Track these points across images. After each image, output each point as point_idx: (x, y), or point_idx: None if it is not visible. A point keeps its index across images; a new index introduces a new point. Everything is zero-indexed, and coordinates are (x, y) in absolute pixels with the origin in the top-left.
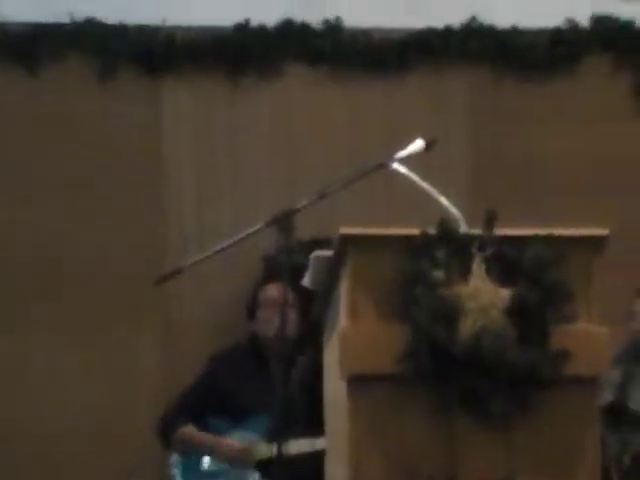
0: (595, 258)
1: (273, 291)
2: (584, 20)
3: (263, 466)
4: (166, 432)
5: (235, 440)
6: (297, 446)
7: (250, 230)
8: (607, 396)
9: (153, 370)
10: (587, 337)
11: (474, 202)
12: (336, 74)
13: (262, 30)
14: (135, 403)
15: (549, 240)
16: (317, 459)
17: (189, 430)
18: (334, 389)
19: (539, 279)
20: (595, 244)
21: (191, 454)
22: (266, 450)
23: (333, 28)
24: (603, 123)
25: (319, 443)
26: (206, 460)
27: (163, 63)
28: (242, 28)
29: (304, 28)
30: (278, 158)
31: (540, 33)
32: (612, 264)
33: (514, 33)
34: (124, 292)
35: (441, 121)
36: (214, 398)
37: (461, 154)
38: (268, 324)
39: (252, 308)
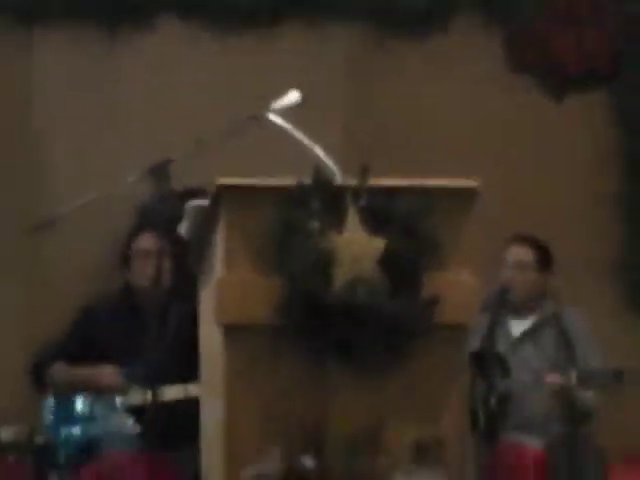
0: (466, 209)
1: (147, 241)
2: None
3: (137, 412)
4: (39, 373)
5: (112, 370)
6: (170, 392)
7: (126, 180)
8: (475, 342)
9: (23, 321)
10: (457, 286)
11: (348, 157)
12: (209, 26)
13: None
14: (3, 356)
15: (421, 191)
16: (190, 405)
17: (61, 367)
18: (209, 337)
19: (410, 229)
20: (465, 196)
21: (66, 393)
22: (140, 396)
23: None
24: (476, 79)
25: (192, 389)
26: (79, 403)
27: (36, 12)
28: None
29: None
30: (154, 109)
31: None
32: (482, 216)
33: None
34: None
35: (317, 76)
36: (87, 347)
37: (336, 109)
38: (142, 274)
39: (126, 258)
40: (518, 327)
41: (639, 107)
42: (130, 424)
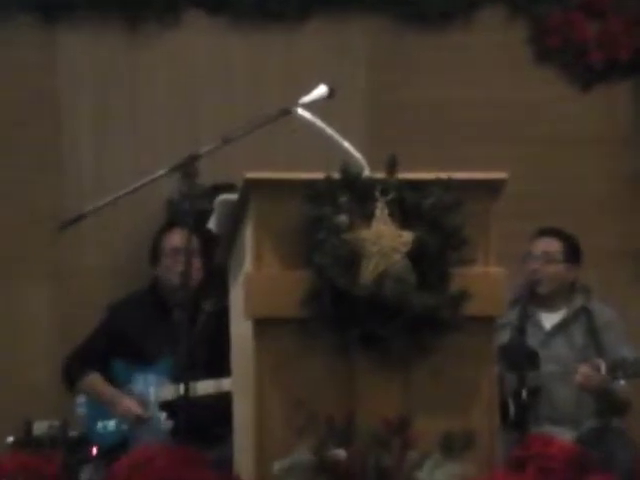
0: (493, 202)
1: (176, 238)
2: None
3: (169, 407)
4: (71, 380)
5: (132, 403)
6: (203, 387)
7: (153, 176)
8: (506, 335)
9: (50, 319)
10: (485, 279)
11: (373, 149)
12: (235, 23)
13: None
14: (31, 353)
15: (449, 184)
16: (222, 400)
17: (92, 381)
18: (240, 331)
19: (439, 223)
20: (493, 188)
21: None
22: (172, 392)
23: None
24: (499, 71)
25: (224, 384)
26: None
27: (60, 9)
28: None
29: None
30: (179, 105)
31: None
32: (511, 209)
33: None
34: (21, 240)
35: (341, 69)
36: (116, 345)
37: (360, 101)
38: (171, 271)
39: (155, 255)
40: (549, 320)
41: None
42: (163, 419)
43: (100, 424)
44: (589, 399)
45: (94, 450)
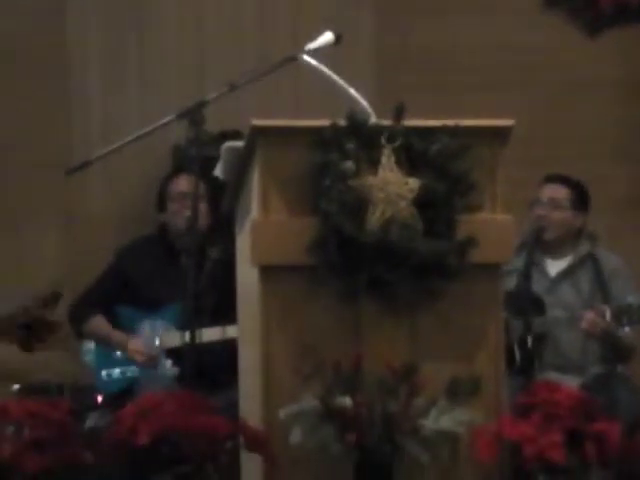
0: (500, 149)
1: (183, 183)
2: None
3: (175, 354)
4: (77, 322)
5: (139, 345)
6: (209, 334)
7: (160, 122)
8: (512, 282)
9: (58, 265)
10: (492, 225)
11: (382, 95)
12: None
13: None
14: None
15: (455, 131)
16: (228, 347)
17: (98, 323)
18: (246, 277)
19: (445, 170)
20: (500, 135)
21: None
22: (178, 338)
23: None
24: (507, 15)
25: (230, 331)
26: None
27: None
28: None
29: None
30: (186, 51)
31: None
32: (518, 155)
33: None
34: (29, 184)
35: (348, 14)
36: (123, 290)
37: (368, 47)
38: (179, 216)
39: (162, 200)
40: (554, 267)
41: None
42: (169, 365)
43: (104, 372)
44: (594, 345)
45: (99, 398)
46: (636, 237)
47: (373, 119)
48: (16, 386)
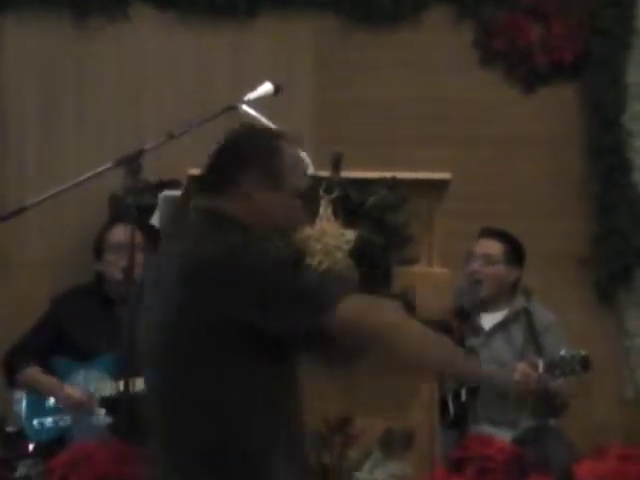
0: (438, 202)
1: (120, 233)
2: None
3: (108, 404)
4: (10, 372)
5: (74, 390)
6: (142, 384)
7: (97, 169)
8: None
9: None
10: (428, 278)
11: (319, 146)
12: (184, 18)
13: None
14: None
15: (393, 183)
16: None
17: (32, 373)
18: None
19: (382, 221)
20: (437, 188)
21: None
22: (111, 388)
23: None
24: (446, 72)
25: None
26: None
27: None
28: None
29: None
30: (125, 100)
31: None
32: (453, 210)
33: None
34: None
35: (287, 66)
36: (58, 339)
37: (306, 99)
38: (114, 267)
39: (99, 250)
40: (489, 320)
41: (605, 101)
42: (102, 415)
43: (36, 421)
44: (527, 399)
45: (30, 447)
46: (570, 292)
47: (311, 170)
48: None
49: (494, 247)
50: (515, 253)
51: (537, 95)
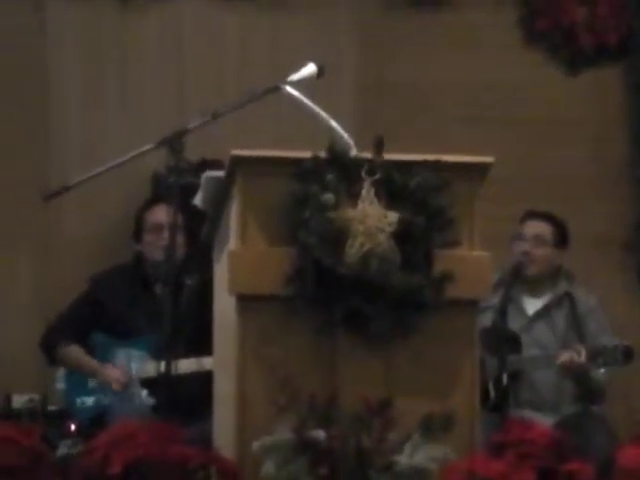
0: (479, 185)
1: (160, 214)
2: None
3: (150, 384)
4: (50, 351)
5: (115, 370)
6: (184, 365)
7: (140, 150)
8: (487, 319)
9: (35, 290)
10: (469, 261)
11: (361, 127)
12: None
13: None
14: (12, 325)
15: (435, 166)
16: (204, 378)
17: (73, 352)
18: (223, 307)
19: (424, 204)
20: (479, 171)
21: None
22: (154, 368)
23: None
24: (488, 52)
25: (206, 363)
26: None
27: None
28: None
29: None
30: (167, 79)
31: None
32: (496, 192)
33: None
34: (6, 209)
35: (329, 47)
36: (98, 318)
37: (348, 80)
38: (154, 248)
39: (139, 230)
40: (532, 306)
41: None
42: (144, 396)
43: (79, 400)
44: (569, 384)
45: (72, 426)
46: (611, 276)
47: (354, 152)
48: None
49: (543, 228)
50: (562, 235)
51: (581, 76)
